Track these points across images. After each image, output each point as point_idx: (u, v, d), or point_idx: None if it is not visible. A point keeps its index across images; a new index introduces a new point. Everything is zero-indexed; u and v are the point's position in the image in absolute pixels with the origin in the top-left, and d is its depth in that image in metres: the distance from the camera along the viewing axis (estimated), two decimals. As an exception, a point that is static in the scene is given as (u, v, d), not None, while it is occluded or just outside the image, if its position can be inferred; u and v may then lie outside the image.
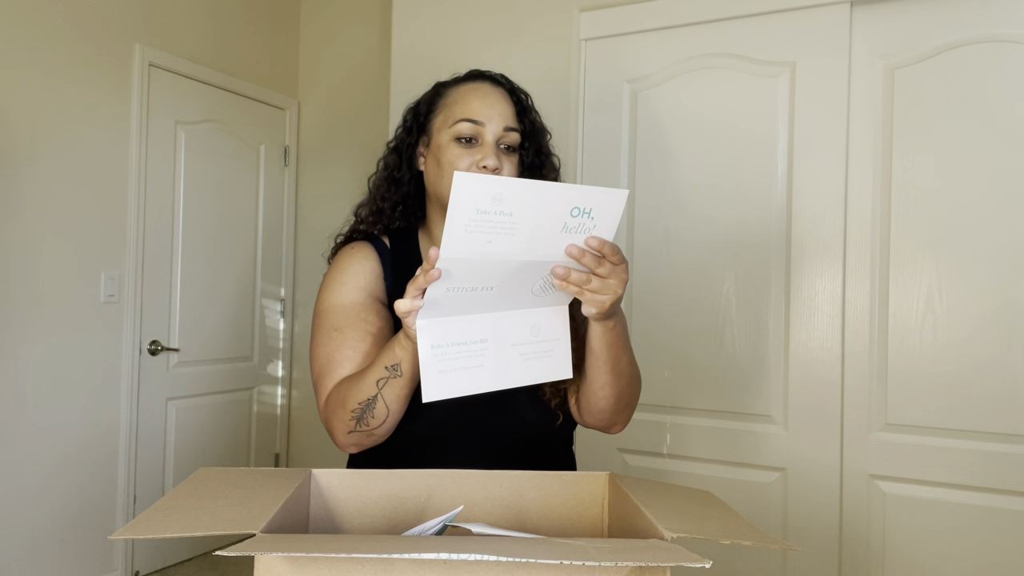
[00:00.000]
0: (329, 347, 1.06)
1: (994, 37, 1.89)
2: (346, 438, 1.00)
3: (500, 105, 1.10)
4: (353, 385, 0.98)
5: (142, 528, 0.67)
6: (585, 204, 0.81)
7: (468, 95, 1.11)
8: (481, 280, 0.82)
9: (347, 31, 3.61)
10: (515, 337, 0.90)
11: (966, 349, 1.89)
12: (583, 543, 0.64)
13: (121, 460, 2.90)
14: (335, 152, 3.63)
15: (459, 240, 0.77)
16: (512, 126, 1.10)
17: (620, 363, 1.03)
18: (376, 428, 0.98)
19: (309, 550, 0.59)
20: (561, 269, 0.85)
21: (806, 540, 2.02)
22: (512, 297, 0.87)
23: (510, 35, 2.43)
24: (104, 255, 2.83)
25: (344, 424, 0.99)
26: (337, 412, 0.99)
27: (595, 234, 0.84)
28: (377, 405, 0.95)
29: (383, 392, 0.94)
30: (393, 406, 0.96)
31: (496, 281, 0.83)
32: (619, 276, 0.88)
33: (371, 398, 0.95)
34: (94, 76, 2.78)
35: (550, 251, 0.83)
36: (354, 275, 1.12)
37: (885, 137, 1.99)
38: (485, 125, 1.08)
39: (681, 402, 2.19)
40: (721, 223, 2.15)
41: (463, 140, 1.08)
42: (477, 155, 1.07)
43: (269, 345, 3.62)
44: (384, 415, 0.96)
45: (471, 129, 1.08)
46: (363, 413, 0.96)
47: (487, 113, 1.08)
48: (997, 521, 1.84)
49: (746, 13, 2.12)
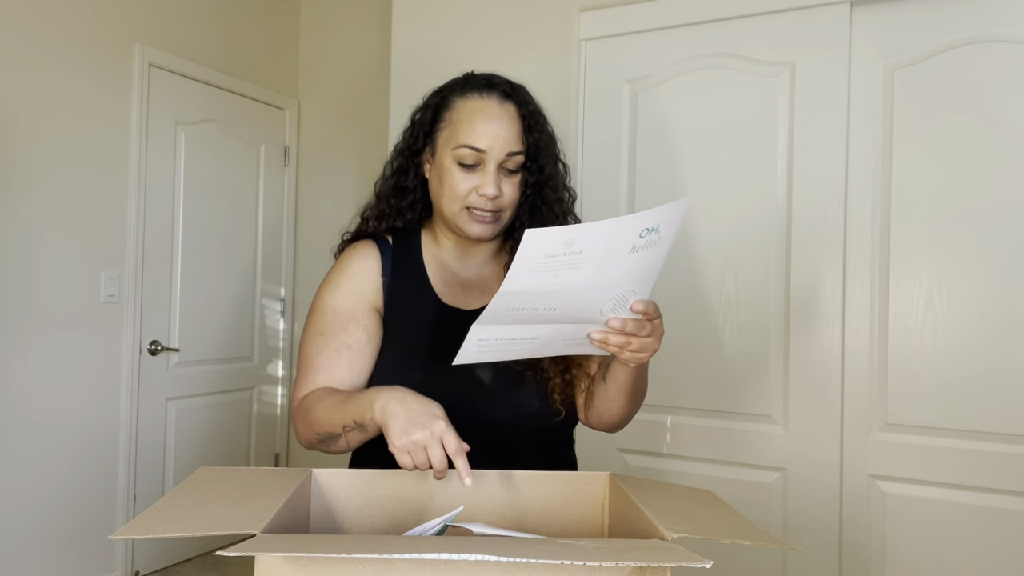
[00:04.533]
0: (311, 349, 1.12)
1: (994, 37, 1.89)
2: (308, 443, 1.08)
3: (504, 129, 1.08)
4: (323, 413, 1.02)
5: (142, 528, 0.67)
6: (653, 223, 0.79)
7: (473, 116, 1.09)
8: (543, 303, 0.82)
9: (347, 31, 3.61)
10: (568, 335, 0.90)
11: (966, 349, 1.89)
12: (584, 543, 0.64)
13: (121, 460, 2.90)
14: (335, 152, 3.63)
15: (523, 280, 0.77)
16: (515, 150, 1.09)
17: (638, 388, 1.09)
18: (336, 451, 1.05)
19: (309, 550, 0.59)
20: (598, 334, 0.87)
21: (806, 540, 2.02)
22: (575, 314, 0.86)
23: (510, 35, 2.43)
24: (104, 255, 2.83)
25: (307, 436, 1.07)
26: (304, 422, 1.07)
27: (660, 247, 0.82)
28: (339, 442, 1.01)
29: (347, 435, 0.99)
30: (355, 445, 1.02)
31: (559, 303, 0.83)
32: (658, 332, 0.91)
33: (335, 435, 1.01)
34: (94, 76, 2.78)
35: (618, 271, 0.82)
36: (350, 277, 1.15)
37: (885, 137, 1.99)
38: (487, 152, 1.07)
39: (681, 402, 2.19)
40: (721, 223, 2.15)
41: (464, 165, 1.09)
42: (477, 181, 1.08)
43: (269, 345, 3.62)
44: (345, 449, 1.03)
45: (473, 156, 1.08)
46: (325, 439, 1.03)
47: (490, 140, 1.07)
48: (997, 521, 1.84)
49: (746, 13, 2.12)
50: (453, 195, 1.09)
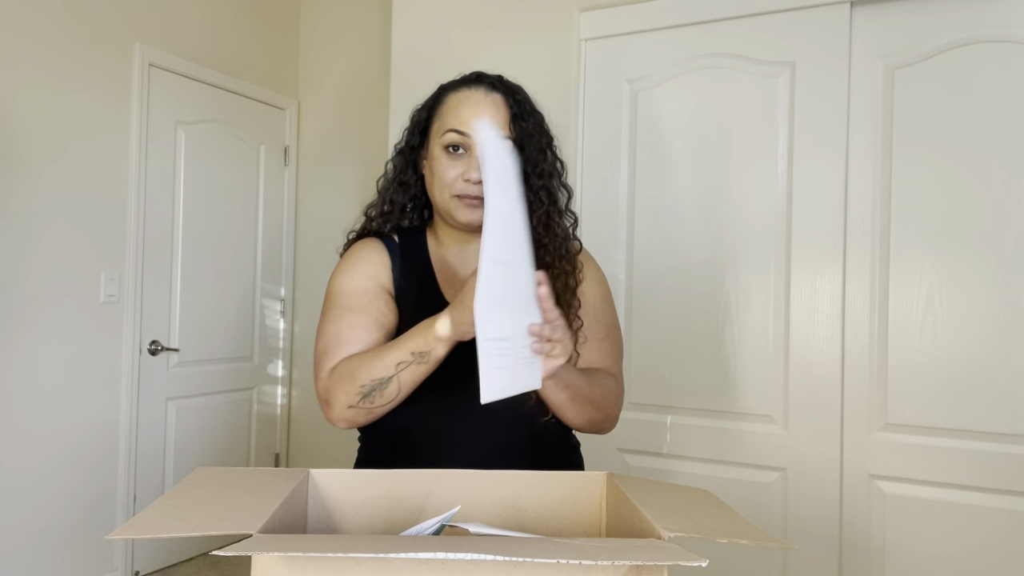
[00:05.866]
0: (340, 325, 1.08)
1: (994, 37, 1.89)
2: (344, 412, 1.02)
3: (489, 114, 1.10)
4: (368, 361, 0.99)
5: (140, 528, 0.67)
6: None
7: (459, 104, 1.12)
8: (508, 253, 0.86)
9: (347, 31, 3.61)
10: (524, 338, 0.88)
11: (966, 349, 1.89)
12: (580, 542, 0.64)
13: (121, 460, 2.90)
14: (335, 152, 3.63)
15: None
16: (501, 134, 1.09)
17: (577, 401, 1.06)
18: (380, 406, 1.00)
19: (306, 550, 0.59)
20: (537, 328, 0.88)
21: (806, 540, 2.02)
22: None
23: (510, 35, 2.43)
24: (104, 255, 2.83)
25: (348, 397, 1.00)
26: (344, 383, 1.01)
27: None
28: (390, 386, 0.98)
29: (401, 375, 0.96)
30: (405, 389, 0.99)
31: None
32: (566, 333, 0.91)
33: (386, 378, 0.97)
34: (94, 76, 2.78)
35: None
36: (366, 263, 1.15)
37: (885, 137, 1.99)
38: (471, 136, 1.08)
39: (681, 402, 2.19)
40: (721, 223, 2.15)
41: (451, 149, 1.10)
42: (462, 167, 1.09)
43: (269, 345, 3.62)
44: (394, 395, 0.99)
45: (458, 139, 1.10)
46: (372, 391, 0.98)
47: (474, 123, 1.08)
48: (997, 521, 1.84)
49: (746, 13, 2.12)
50: (442, 183, 1.11)
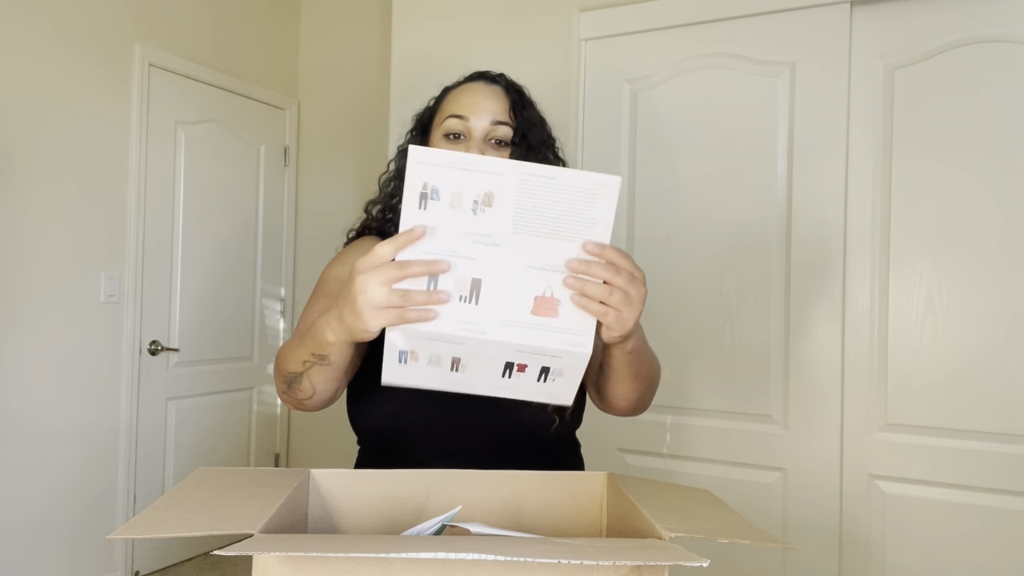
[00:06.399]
0: (315, 310, 1.04)
1: (994, 37, 1.89)
2: (283, 397, 0.98)
3: (489, 100, 1.09)
4: (289, 352, 0.94)
5: (140, 528, 0.67)
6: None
7: (460, 94, 1.12)
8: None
9: (347, 31, 3.61)
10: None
11: (966, 349, 1.89)
12: (581, 542, 0.64)
13: (121, 460, 2.90)
14: (335, 152, 3.63)
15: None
16: (501, 120, 1.09)
17: (641, 372, 0.99)
18: (306, 400, 0.95)
19: (307, 550, 0.59)
20: (572, 279, 0.76)
21: (806, 540, 2.02)
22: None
23: (510, 35, 2.43)
24: (104, 255, 2.83)
25: (279, 384, 0.97)
26: (277, 370, 0.98)
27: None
28: (303, 383, 0.92)
29: (309, 373, 0.91)
30: (320, 388, 0.93)
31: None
32: (639, 288, 0.80)
33: (297, 374, 0.92)
34: (94, 76, 2.78)
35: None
36: (359, 255, 1.13)
37: (885, 137, 1.99)
38: (470, 120, 1.08)
39: (681, 402, 2.19)
40: (721, 223, 2.15)
41: (451, 136, 1.09)
42: (462, 150, 1.07)
43: (269, 345, 3.61)
44: (310, 394, 0.94)
45: (458, 124, 1.08)
46: (291, 384, 0.94)
47: (473, 108, 1.08)
48: (997, 521, 1.84)
49: (746, 13, 2.12)
50: None
